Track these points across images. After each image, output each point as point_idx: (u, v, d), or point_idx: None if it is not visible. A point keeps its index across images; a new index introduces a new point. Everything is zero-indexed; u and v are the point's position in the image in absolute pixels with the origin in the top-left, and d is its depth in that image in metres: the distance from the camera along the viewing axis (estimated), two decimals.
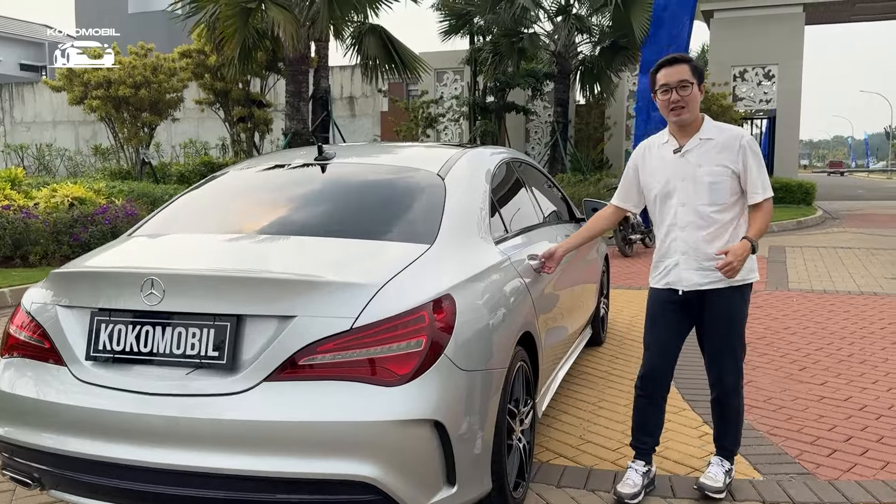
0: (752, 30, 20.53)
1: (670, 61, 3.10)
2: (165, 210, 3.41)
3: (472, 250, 3.00)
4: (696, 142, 3.09)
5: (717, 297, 3.11)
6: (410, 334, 2.40)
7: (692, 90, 3.04)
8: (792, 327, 6.32)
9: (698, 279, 3.11)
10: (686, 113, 3.06)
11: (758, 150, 3.09)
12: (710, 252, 3.07)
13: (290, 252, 2.74)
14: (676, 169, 3.11)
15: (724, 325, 3.15)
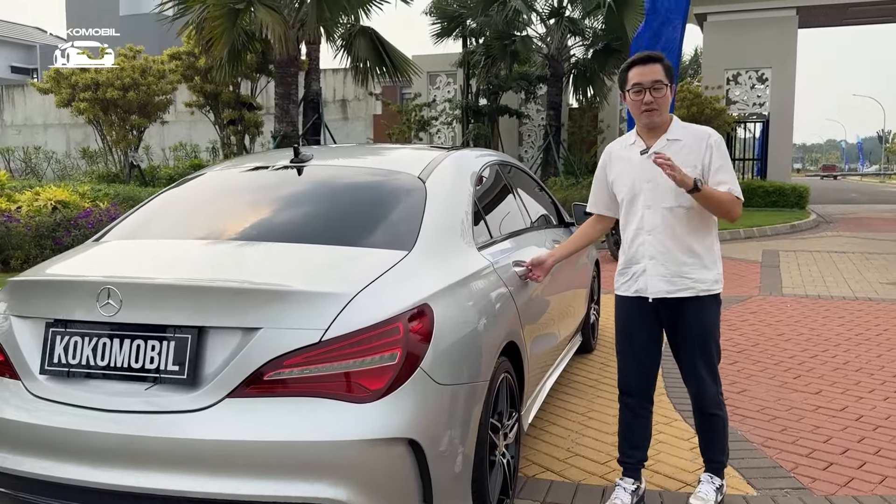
0: (746, 33, 20.46)
1: (644, 59, 2.97)
2: (135, 214, 3.26)
3: (452, 257, 2.86)
4: (663, 143, 2.99)
5: (687, 305, 3.00)
6: (384, 347, 2.26)
7: (665, 91, 2.93)
8: (786, 333, 6.20)
9: (666, 286, 3.00)
10: (657, 115, 2.96)
11: (725, 151, 2.99)
12: (679, 258, 2.97)
13: (257, 259, 2.59)
14: (643, 171, 3.00)
15: (697, 335, 3.03)
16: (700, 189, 2.79)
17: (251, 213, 3.03)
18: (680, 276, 2.97)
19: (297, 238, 2.74)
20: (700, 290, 2.98)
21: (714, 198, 2.86)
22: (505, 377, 3.00)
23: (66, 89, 15.77)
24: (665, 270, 2.98)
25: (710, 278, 2.99)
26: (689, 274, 2.97)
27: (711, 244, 3.04)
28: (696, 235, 2.98)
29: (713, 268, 3.02)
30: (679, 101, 19.82)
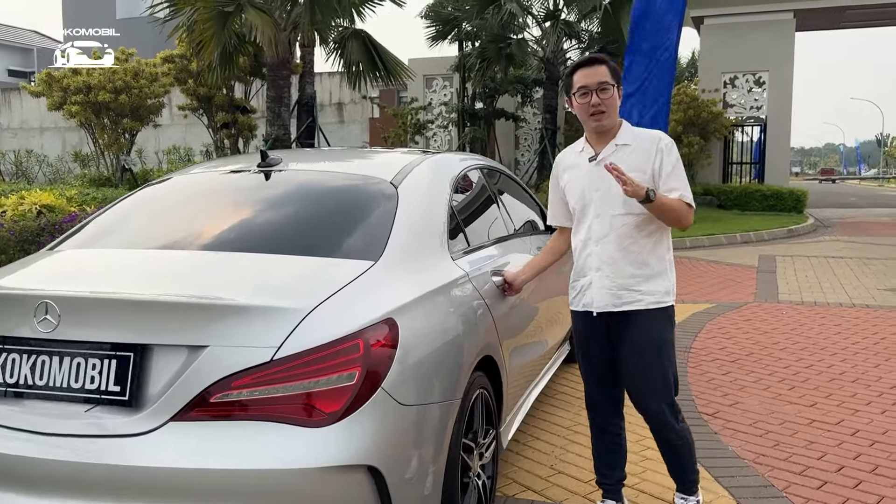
0: (743, 36, 20.32)
1: (588, 62, 2.84)
2: (94, 221, 3.11)
3: (424, 267, 2.71)
4: (612, 148, 2.84)
5: (634, 319, 2.83)
6: (341, 366, 2.11)
7: (612, 93, 2.80)
8: (781, 342, 6.04)
9: (611, 300, 2.84)
10: (606, 118, 2.81)
11: (676, 155, 2.82)
12: (627, 269, 2.82)
13: (210, 271, 2.44)
14: (591, 178, 2.86)
15: (647, 352, 2.83)
16: (652, 200, 2.64)
17: (209, 221, 2.88)
18: (626, 289, 2.82)
19: (255, 247, 2.59)
20: (648, 302, 2.82)
21: (666, 207, 2.72)
22: (480, 394, 2.85)
23: (57, 92, 15.63)
24: (611, 283, 2.83)
25: (660, 290, 2.84)
26: (636, 286, 2.82)
27: (663, 254, 2.89)
28: (647, 245, 2.83)
29: (664, 279, 2.86)
30: (676, 104, 19.69)
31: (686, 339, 6.14)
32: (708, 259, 11.19)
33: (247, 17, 10.82)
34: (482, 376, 2.89)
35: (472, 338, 2.77)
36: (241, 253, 2.54)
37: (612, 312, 2.84)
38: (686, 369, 5.26)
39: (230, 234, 2.72)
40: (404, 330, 2.31)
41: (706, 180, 20.65)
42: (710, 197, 19.86)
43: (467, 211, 3.45)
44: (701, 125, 19.74)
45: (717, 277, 9.46)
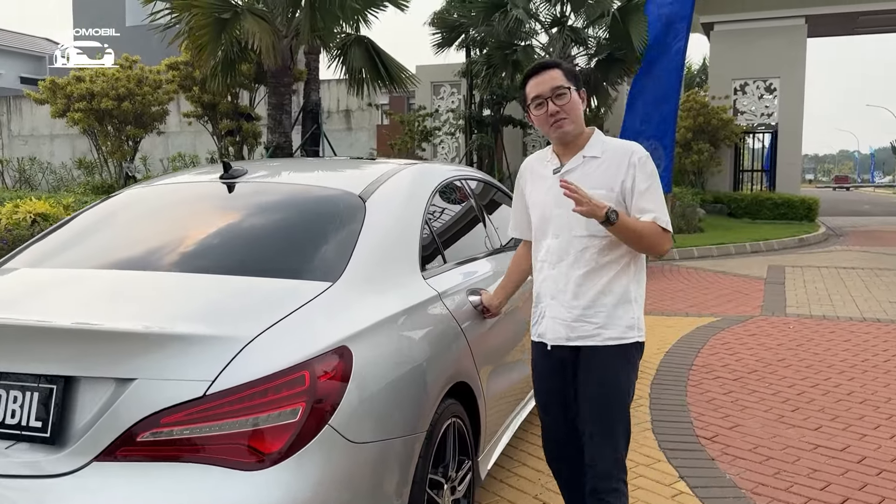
0: (753, 42, 20.06)
1: (538, 69, 2.57)
2: (44, 238, 2.93)
3: (389, 287, 2.52)
4: (579, 160, 2.55)
5: (590, 356, 2.50)
6: (283, 401, 1.92)
7: (570, 96, 2.51)
8: (787, 359, 5.81)
9: (564, 331, 2.53)
10: (569, 124, 2.51)
11: (652, 171, 2.49)
12: (583, 298, 2.49)
13: (148, 294, 2.25)
14: (555, 192, 2.50)
15: (598, 395, 2.49)
16: (614, 222, 2.34)
17: (159, 238, 2.69)
18: (581, 321, 2.50)
19: (203, 268, 2.40)
20: (605, 338, 2.48)
21: (634, 231, 2.41)
22: (453, 423, 2.66)
23: (61, 100, 15.55)
24: (566, 313, 2.52)
25: (622, 324, 2.49)
26: (593, 318, 2.49)
27: (628, 283, 2.53)
28: (610, 272, 2.50)
29: (627, 312, 2.51)
30: (685, 111, 19.48)
31: (689, 355, 5.92)
32: (715, 270, 10.95)
33: (243, 24, 10.67)
34: (455, 404, 2.69)
35: (442, 363, 2.57)
36: (187, 274, 2.36)
37: (566, 346, 2.54)
38: (686, 388, 5.04)
39: (178, 252, 2.54)
40: (360, 358, 2.12)
41: (716, 188, 20.40)
42: (721, 205, 19.61)
43: (446, 225, 3.26)
44: (711, 132, 19.50)
45: (723, 289, 9.22)
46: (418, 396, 2.36)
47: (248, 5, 11.68)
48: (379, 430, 2.14)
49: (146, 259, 2.52)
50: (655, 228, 2.46)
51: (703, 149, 19.29)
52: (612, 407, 2.49)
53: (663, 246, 2.49)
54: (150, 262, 2.49)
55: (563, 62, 2.62)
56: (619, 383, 2.50)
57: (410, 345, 2.42)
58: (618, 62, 16.74)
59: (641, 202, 2.47)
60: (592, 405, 2.51)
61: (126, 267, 2.48)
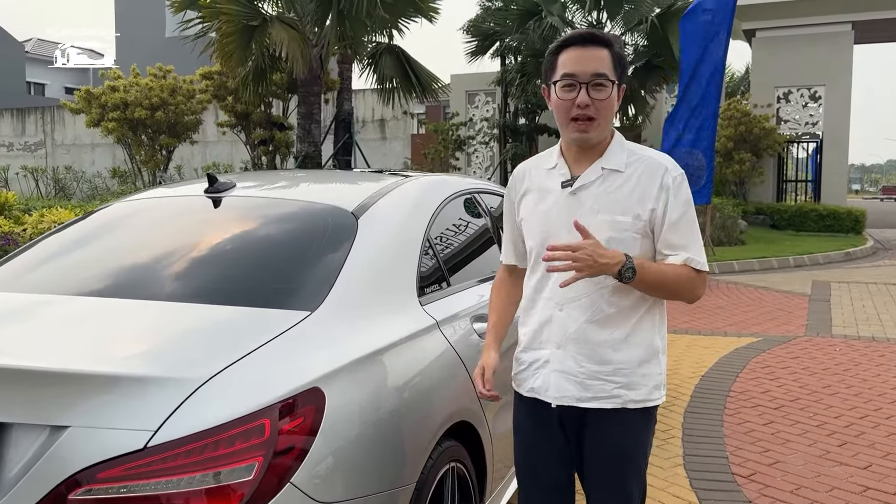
0: (797, 49, 19.45)
1: (584, 39, 1.97)
2: (16, 256, 2.72)
3: (377, 315, 2.24)
4: (597, 173, 2.01)
5: (602, 419, 2.03)
6: (237, 456, 1.65)
7: (610, 93, 1.95)
8: (832, 385, 5.39)
9: (576, 390, 2.02)
10: (594, 129, 1.97)
11: (688, 196, 2.01)
12: (601, 351, 2.00)
13: (93, 325, 2.01)
14: (561, 212, 2.02)
15: (612, 462, 2.05)
16: (630, 280, 1.88)
17: (123, 259, 2.46)
18: (598, 379, 2.00)
19: (165, 294, 2.16)
20: (627, 400, 2.01)
21: (657, 284, 1.94)
22: (453, 468, 2.37)
23: (96, 109, 15.68)
24: (577, 367, 2.02)
25: (648, 384, 2.03)
26: (613, 377, 2.01)
27: (654, 331, 2.06)
28: (632, 317, 2.02)
29: (653, 368, 2.05)
30: (727, 119, 18.95)
31: (726, 380, 5.54)
32: (757, 285, 10.48)
33: (272, 32, 10.55)
34: (455, 446, 2.41)
35: (439, 401, 2.30)
36: (145, 301, 2.11)
37: (575, 407, 2.04)
38: (722, 417, 4.68)
39: (140, 276, 2.30)
40: (335, 401, 1.85)
41: (759, 199, 19.79)
42: (763, 216, 19.01)
43: (454, 245, 2.98)
44: (753, 141, 18.93)
45: (765, 306, 8.77)
46: (407, 442, 2.08)
47: (277, 14, 11.60)
48: (355, 485, 1.86)
49: (102, 284, 2.29)
50: (687, 273, 1.97)
51: (745, 158, 18.73)
52: (629, 475, 2.07)
53: (696, 292, 2.00)
54: (105, 288, 2.25)
55: (617, 42, 2.00)
56: (640, 451, 2.07)
57: (399, 382, 2.14)
58: (656, 69, 16.35)
59: (672, 236, 1.97)
60: (606, 473, 2.07)
61: (79, 293, 2.24)
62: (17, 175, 21.74)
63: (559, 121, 2.03)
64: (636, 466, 2.09)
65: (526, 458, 2.18)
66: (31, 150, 30.19)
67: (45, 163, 28.69)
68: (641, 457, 2.09)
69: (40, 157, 29.89)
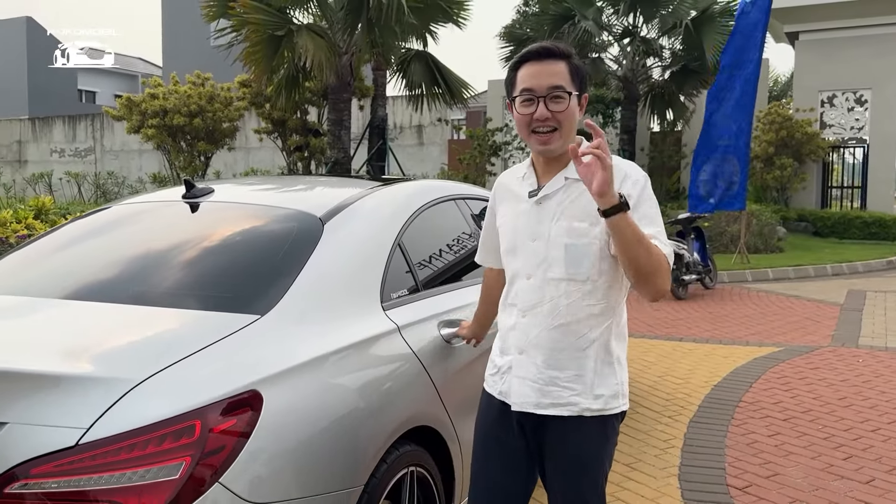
0: (842, 52, 18.98)
1: (538, 54, 2.02)
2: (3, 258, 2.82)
3: (334, 320, 2.27)
4: (560, 182, 2.05)
5: (560, 427, 2.04)
6: (165, 455, 1.70)
7: (568, 104, 2.00)
8: (848, 398, 5.25)
9: (534, 396, 2.05)
10: (556, 140, 2.01)
11: (650, 196, 2.01)
12: (562, 357, 2.02)
13: (41, 325, 2.08)
14: (528, 221, 2.08)
15: (569, 472, 2.06)
16: (626, 205, 1.82)
17: (84, 263, 2.54)
18: (557, 385, 2.03)
19: (118, 297, 2.22)
20: (584, 408, 2.02)
21: (640, 240, 1.85)
22: (412, 473, 2.39)
23: (136, 116, 16.12)
24: (536, 373, 2.04)
25: (605, 392, 2.04)
26: (570, 383, 2.03)
27: (612, 340, 2.07)
28: (594, 325, 2.04)
29: (611, 376, 2.06)
30: (767, 124, 18.58)
31: (738, 389, 5.44)
32: (789, 293, 10.24)
33: (298, 41, 10.71)
34: (418, 451, 2.43)
35: (393, 406, 2.31)
36: (96, 303, 2.18)
37: (534, 414, 2.06)
38: (727, 428, 4.59)
39: (97, 279, 2.37)
40: (274, 404, 1.88)
41: (800, 205, 19.35)
42: (805, 223, 18.56)
43: (428, 250, 2.99)
44: (794, 146, 18.52)
45: (793, 315, 8.58)
46: (354, 445, 2.10)
47: (308, 24, 11.78)
48: (293, 486, 1.89)
49: (54, 286, 2.37)
50: (659, 251, 1.91)
51: (787, 164, 18.33)
52: (586, 486, 2.07)
53: (666, 279, 1.93)
54: (56, 290, 2.33)
55: (574, 54, 2.05)
56: (599, 461, 2.07)
57: (349, 385, 2.16)
58: (693, 73, 16.17)
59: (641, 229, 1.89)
60: (563, 482, 2.08)
61: (27, 293, 2.33)
62: (59, 180, 22.40)
63: (521, 134, 2.07)
64: (593, 479, 2.08)
65: (482, 453, 2.22)
66: (81, 156, 31.04)
67: (95, 168, 29.50)
68: (598, 469, 2.08)
69: (90, 162, 30.74)
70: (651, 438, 4.43)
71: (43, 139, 31.94)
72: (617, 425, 2.13)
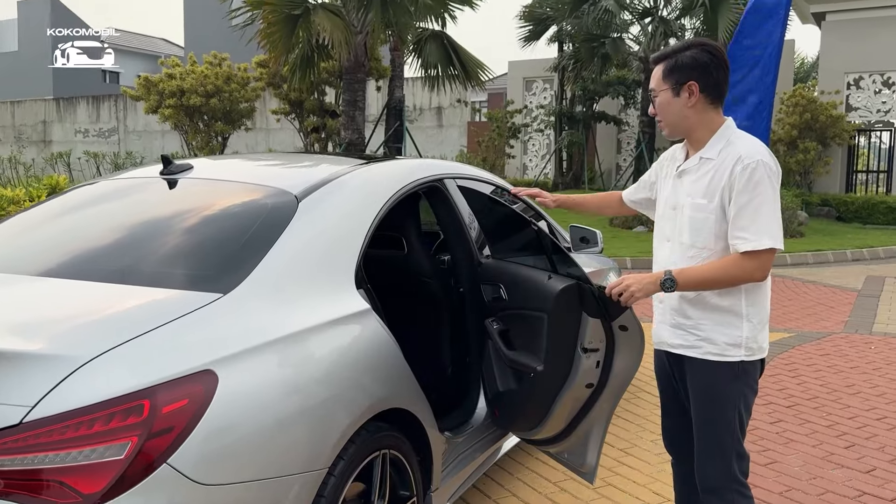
0: (870, 33, 18.51)
1: (652, 62, 2.50)
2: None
3: (302, 299, 2.22)
4: (695, 161, 2.40)
5: (695, 366, 2.40)
6: (111, 434, 1.67)
7: (663, 98, 2.39)
8: (856, 385, 5.14)
9: (669, 337, 2.45)
10: (664, 128, 2.44)
11: (758, 182, 2.23)
12: (685, 307, 2.39)
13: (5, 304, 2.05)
14: (672, 192, 2.47)
15: (703, 406, 2.41)
16: (670, 289, 2.27)
17: (51, 240, 2.53)
18: (683, 329, 2.40)
19: (80, 273, 2.19)
20: (706, 351, 2.35)
21: (701, 280, 2.28)
22: (384, 455, 2.35)
23: (154, 96, 16.17)
24: (671, 319, 2.44)
25: (724, 340, 2.33)
26: (695, 329, 2.37)
27: (739, 297, 2.34)
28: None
29: (733, 328, 2.33)
30: (791, 106, 18.23)
31: None
32: (806, 279, 10.06)
33: (314, 20, 10.64)
34: (390, 435, 2.38)
35: (362, 387, 2.27)
36: (55, 279, 2.15)
37: (672, 354, 2.48)
38: None
39: (62, 255, 2.35)
40: (229, 384, 1.85)
41: (824, 190, 18.99)
42: (828, 208, 18.22)
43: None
44: (819, 130, 18.16)
45: (808, 301, 8.43)
46: (317, 427, 2.06)
47: (323, 2, 11.70)
48: (246, 468, 1.85)
49: (22, 262, 2.35)
50: (734, 260, 2.25)
51: (810, 147, 17.98)
52: (720, 421, 2.38)
53: (752, 274, 2.25)
54: (24, 266, 2.31)
55: (673, 54, 2.38)
56: (729, 400, 2.37)
57: (312, 367, 2.12)
58: None
59: (737, 222, 2.24)
60: (701, 417, 2.42)
61: (12, 270, 2.30)
62: (78, 160, 22.56)
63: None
64: (724, 415, 2.37)
65: (659, 387, 2.66)
66: (104, 137, 31.28)
67: (118, 149, 29.74)
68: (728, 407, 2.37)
69: (113, 143, 30.98)
70: (648, 423, 4.36)
71: (67, 119, 32.25)
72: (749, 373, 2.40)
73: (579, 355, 2.67)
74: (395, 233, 3.28)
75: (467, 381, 3.22)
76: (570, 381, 2.71)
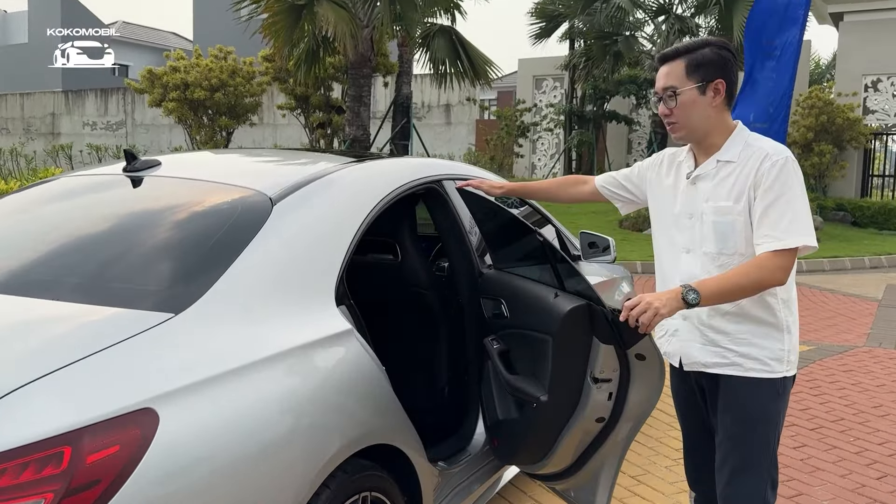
0: (889, 34, 18.09)
1: (661, 59, 2.27)
2: None
3: (268, 320, 1.92)
4: (712, 165, 2.22)
5: (730, 384, 2.21)
6: (21, 490, 1.37)
7: (686, 97, 2.17)
8: (885, 406, 4.80)
9: (701, 356, 2.24)
10: (680, 130, 2.22)
11: (788, 178, 2.09)
12: (720, 322, 2.19)
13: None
14: (686, 200, 2.27)
15: (741, 427, 2.21)
16: (694, 303, 2.00)
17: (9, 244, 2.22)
18: (719, 346, 2.20)
19: (20, 288, 1.89)
20: (748, 368, 2.18)
21: (726, 289, 2.04)
22: (365, 498, 2.05)
23: (157, 89, 15.90)
24: (701, 337, 2.24)
25: (765, 355, 2.16)
26: (732, 345, 2.19)
27: (776, 305, 2.18)
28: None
29: (775, 340, 2.18)
30: (808, 108, 17.84)
31: None
32: (823, 287, 9.71)
33: (318, 11, 10.33)
34: (373, 475, 2.08)
35: (339, 421, 1.96)
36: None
37: (704, 373, 2.27)
38: None
39: (3, 265, 2.04)
40: (174, 424, 1.55)
41: (839, 194, 18.58)
42: (844, 213, 17.82)
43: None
44: (835, 132, 17.75)
45: (827, 311, 8.08)
46: (282, 470, 1.76)
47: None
48: None
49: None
50: (758, 262, 2.05)
51: (826, 150, 17.58)
52: (756, 442, 2.20)
53: (775, 275, 2.05)
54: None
55: (693, 50, 2.19)
56: (767, 419, 2.19)
57: (277, 400, 1.81)
58: None
59: (763, 223, 2.07)
60: (734, 439, 2.22)
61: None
62: (81, 153, 22.37)
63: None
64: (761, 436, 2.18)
65: (678, 409, 2.48)
66: (112, 130, 31.08)
67: (126, 142, 29.51)
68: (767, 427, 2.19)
69: (121, 136, 30.78)
70: (663, 447, 4.05)
71: (76, 112, 32.06)
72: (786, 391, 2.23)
73: (589, 386, 2.36)
74: (389, 238, 2.98)
75: (465, 405, 2.91)
76: (578, 414, 2.40)
